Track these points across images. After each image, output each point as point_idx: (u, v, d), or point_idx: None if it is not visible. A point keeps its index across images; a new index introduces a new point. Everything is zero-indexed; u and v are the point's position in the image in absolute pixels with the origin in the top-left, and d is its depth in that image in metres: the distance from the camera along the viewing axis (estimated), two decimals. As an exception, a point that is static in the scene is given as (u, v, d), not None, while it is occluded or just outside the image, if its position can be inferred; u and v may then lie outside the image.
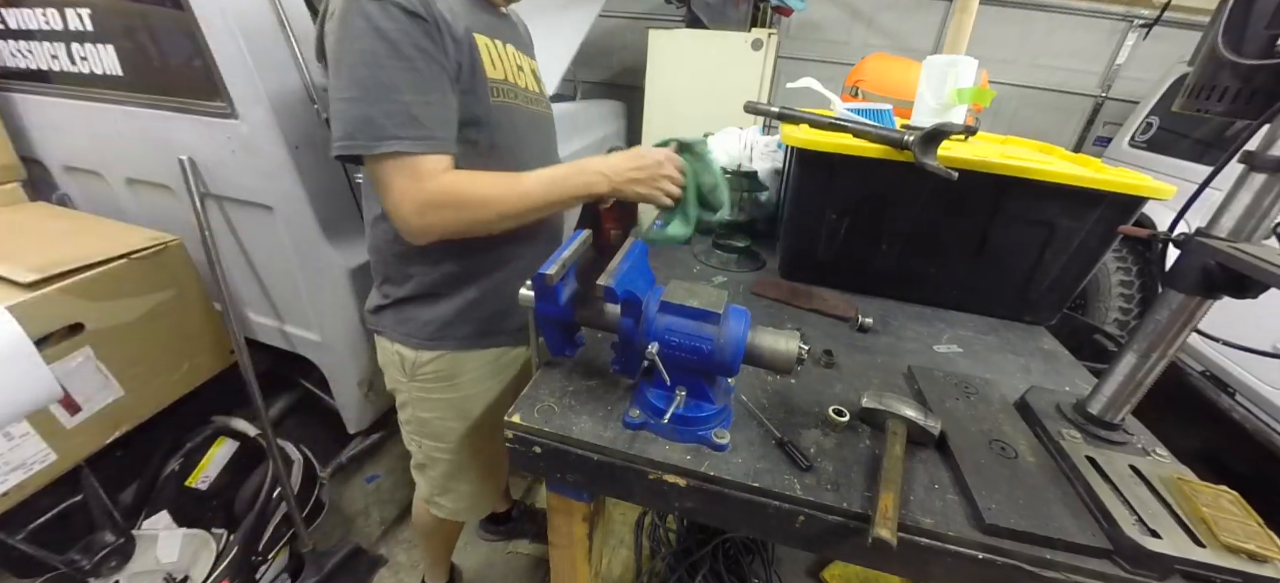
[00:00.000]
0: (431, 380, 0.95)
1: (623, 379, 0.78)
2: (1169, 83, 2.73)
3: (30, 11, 1.30)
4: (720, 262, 1.25)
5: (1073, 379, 0.92)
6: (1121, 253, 2.37)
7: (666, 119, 2.77)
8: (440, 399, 0.98)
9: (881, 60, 2.15)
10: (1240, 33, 0.59)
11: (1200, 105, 0.63)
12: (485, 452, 1.07)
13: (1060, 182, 0.91)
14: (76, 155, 1.47)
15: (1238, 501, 0.61)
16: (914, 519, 0.59)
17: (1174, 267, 0.64)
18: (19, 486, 1.04)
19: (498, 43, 0.84)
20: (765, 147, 1.39)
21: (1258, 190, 0.58)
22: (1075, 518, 0.59)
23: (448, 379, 0.96)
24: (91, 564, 1.15)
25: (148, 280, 1.23)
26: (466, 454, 1.04)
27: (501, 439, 1.07)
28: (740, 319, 0.65)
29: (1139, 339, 0.69)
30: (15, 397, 0.95)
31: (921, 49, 3.40)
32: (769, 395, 0.78)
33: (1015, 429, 0.73)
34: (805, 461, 0.65)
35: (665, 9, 3.26)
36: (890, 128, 1.03)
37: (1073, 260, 1.00)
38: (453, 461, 1.04)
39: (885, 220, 1.05)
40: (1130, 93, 3.27)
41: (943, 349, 0.97)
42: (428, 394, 0.97)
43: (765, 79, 2.57)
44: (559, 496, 0.78)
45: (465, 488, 1.09)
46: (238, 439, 1.48)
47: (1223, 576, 0.54)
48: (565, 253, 0.70)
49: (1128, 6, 3.17)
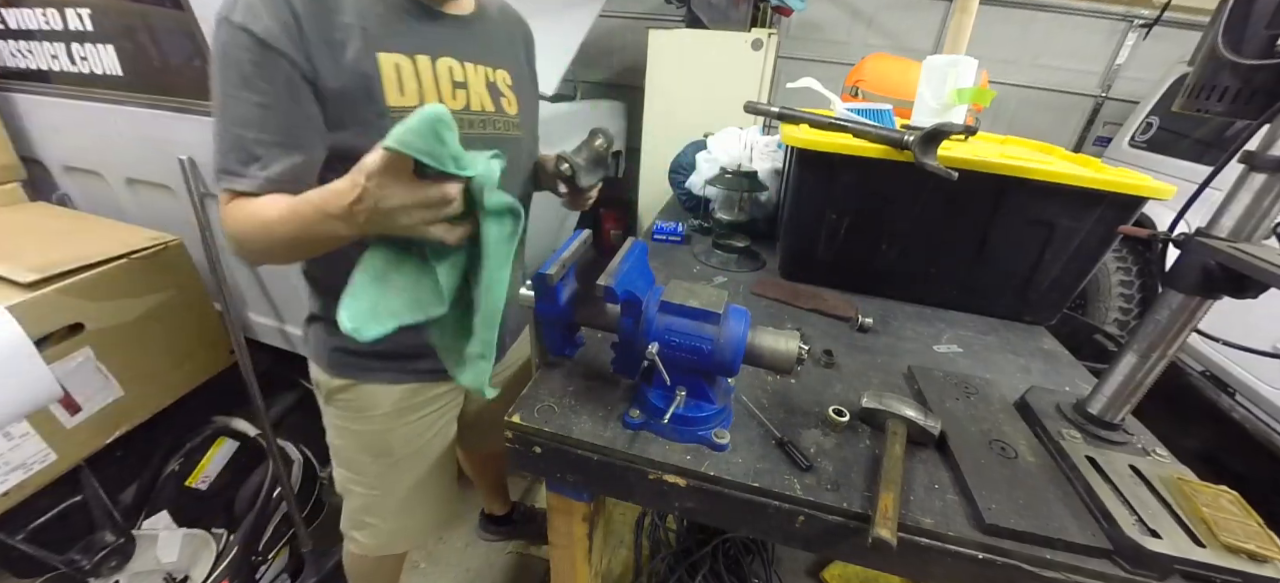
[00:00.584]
0: (343, 409, 0.90)
1: (623, 379, 0.78)
2: (1169, 83, 2.73)
3: (30, 11, 1.30)
4: (720, 262, 1.25)
5: (1073, 379, 0.92)
6: (1121, 253, 2.37)
7: (666, 119, 2.77)
8: (352, 430, 0.92)
9: (881, 60, 2.15)
10: (1240, 33, 0.59)
11: (1200, 105, 0.63)
12: (403, 490, 0.98)
13: (1060, 182, 0.91)
14: (76, 155, 1.47)
15: (1238, 501, 0.61)
16: (914, 519, 0.59)
17: (1174, 267, 0.64)
18: (19, 485, 1.04)
19: (422, 59, 0.71)
20: (765, 146, 1.39)
21: (1258, 190, 0.58)
22: (1075, 518, 0.59)
23: (358, 411, 0.89)
24: (91, 564, 1.15)
25: (148, 280, 1.23)
26: (381, 491, 0.97)
27: (431, 478, 0.98)
28: (740, 319, 0.65)
29: (1139, 339, 0.69)
30: (15, 397, 0.95)
31: (921, 49, 3.40)
32: (769, 395, 0.78)
33: (1015, 429, 0.73)
34: (805, 461, 0.65)
35: (665, 9, 3.26)
36: (890, 128, 1.03)
37: (1073, 260, 1.00)
38: (366, 495, 0.98)
39: (885, 220, 1.05)
40: (1130, 93, 3.26)
41: (943, 349, 0.97)
42: (340, 423, 0.92)
43: (765, 79, 2.57)
44: (559, 496, 0.78)
45: (380, 525, 1.01)
46: (238, 439, 1.48)
47: (1223, 576, 0.54)
48: (565, 253, 0.71)
49: (1128, 6, 3.17)
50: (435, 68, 0.73)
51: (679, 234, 1.37)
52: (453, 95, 0.75)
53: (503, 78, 0.84)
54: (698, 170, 1.46)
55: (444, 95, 0.74)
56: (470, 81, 0.78)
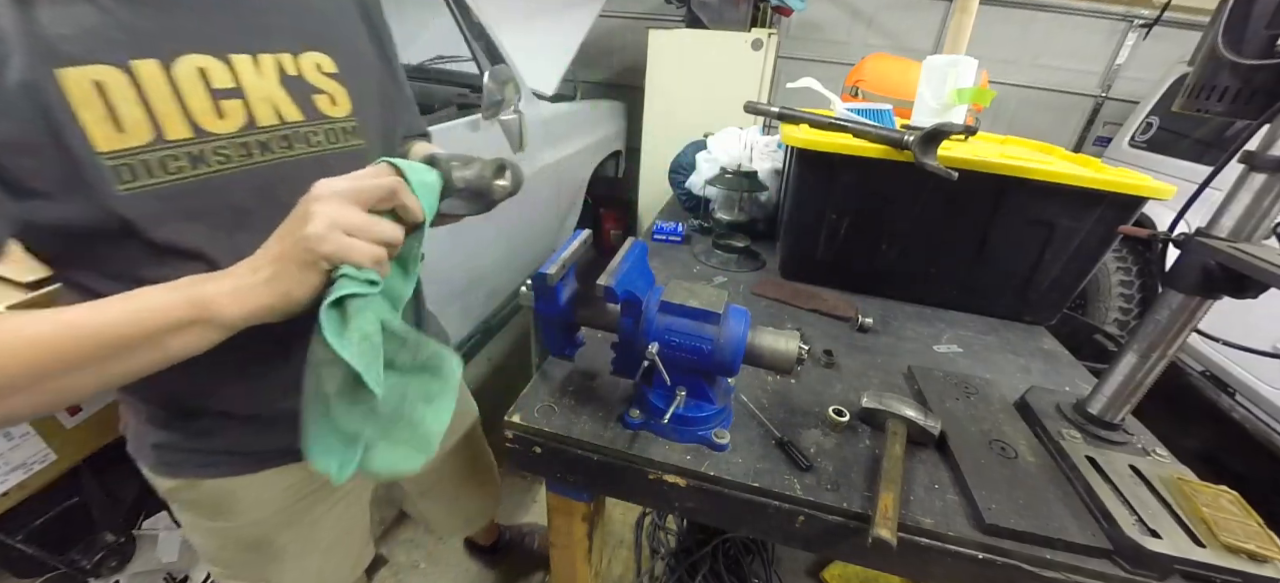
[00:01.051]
0: (194, 511, 0.69)
1: (623, 379, 0.78)
2: (1169, 83, 2.73)
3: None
4: (720, 262, 1.25)
5: (1073, 379, 0.92)
6: (1121, 253, 2.37)
7: (666, 119, 2.77)
8: (214, 528, 0.70)
9: (881, 60, 2.15)
10: (1240, 33, 0.59)
11: (1200, 105, 0.63)
12: (304, 577, 0.80)
13: (1060, 182, 0.91)
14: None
15: (1238, 501, 0.61)
16: (914, 519, 0.59)
17: (1174, 267, 0.64)
18: (19, 485, 1.04)
19: (144, 66, 0.45)
20: (765, 146, 1.39)
21: (1258, 190, 0.58)
22: (1075, 518, 0.59)
23: (214, 510, 0.68)
24: (91, 564, 1.15)
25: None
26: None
27: (341, 546, 0.82)
28: (740, 319, 0.65)
29: (1139, 339, 0.69)
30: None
31: (921, 49, 3.40)
32: (769, 395, 0.78)
33: (1015, 429, 0.73)
34: (805, 460, 0.65)
35: (665, 9, 3.26)
36: (890, 128, 1.03)
37: (1073, 260, 1.00)
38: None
39: (885, 220, 1.05)
40: (1130, 93, 3.27)
41: (943, 349, 0.97)
42: (196, 520, 0.70)
43: (765, 79, 2.57)
44: (559, 496, 0.78)
45: None
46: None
47: (1223, 576, 0.54)
48: (565, 253, 0.70)
49: (1128, 6, 3.17)
50: (173, 75, 0.47)
51: (679, 234, 1.37)
52: (216, 114, 0.49)
53: (315, 65, 0.57)
54: (698, 170, 1.46)
55: (199, 116, 0.48)
56: (248, 85, 0.52)
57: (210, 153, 0.49)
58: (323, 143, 0.58)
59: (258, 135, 0.52)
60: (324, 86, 0.58)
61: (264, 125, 0.53)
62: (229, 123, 0.50)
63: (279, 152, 0.54)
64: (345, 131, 0.60)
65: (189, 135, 0.47)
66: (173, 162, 0.47)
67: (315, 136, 0.57)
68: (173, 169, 0.47)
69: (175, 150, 0.47)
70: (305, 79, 0.56)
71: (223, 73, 0.50)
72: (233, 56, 0.51)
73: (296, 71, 0.56)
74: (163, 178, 0.46)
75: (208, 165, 0.49)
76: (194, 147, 0.48)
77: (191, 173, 0.48)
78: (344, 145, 0.60)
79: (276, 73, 0.54)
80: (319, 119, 0.57)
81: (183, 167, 0.47)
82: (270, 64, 0.54)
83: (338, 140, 0.59)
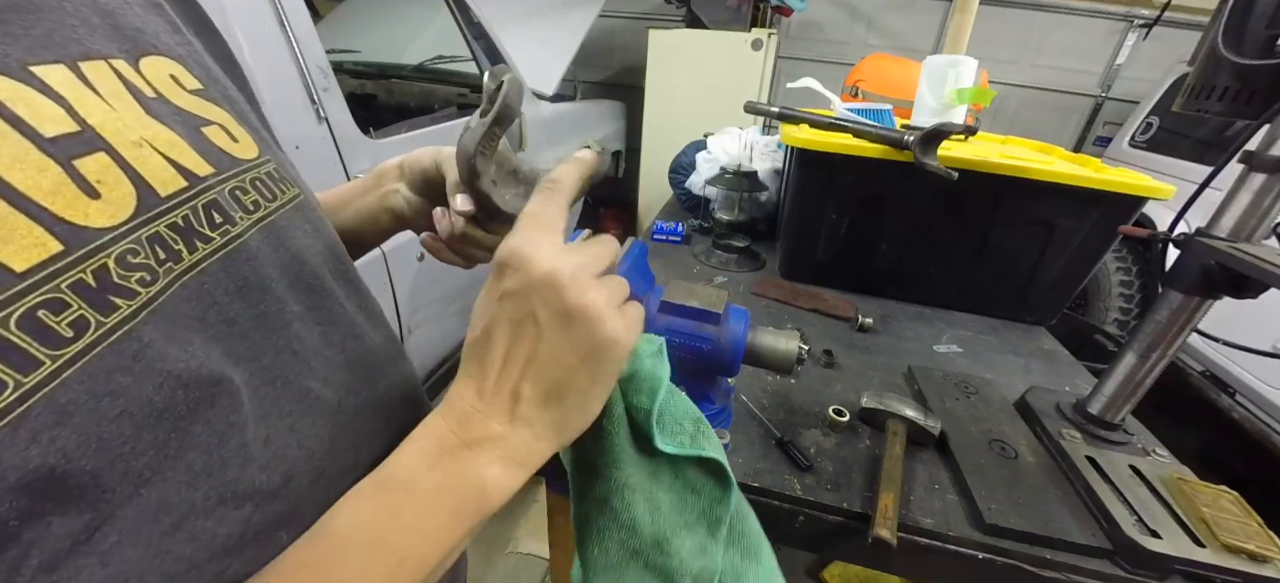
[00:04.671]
0: None
1: (623, 379, 0.78)
2: (1169, 83, 2.73)
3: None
4: (720, 262, 1.25)
5: (1073, 379, 0.92)
6: (1121, 253, 2.38)
7: (666, 119, 2.78)
8: None
9: (881, 60, 2.15)
10: (1240, 33, 0.59)
11: (1200, 105, 0.63)
12: None
13: (1060, 182, 0.91)
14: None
15: (1238, 501, 0.61)
16: (914, 519, 0.59)
17: (1174, 267, 0.64)
18: (19, 486, 1.04)
19: None
20: (765, 146, 1.39)
21: (1258, 190, 0.58)
22: (1075, 518, 0.59)
23: None
24: (91, 564, 1.15)
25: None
26: None
27: None
28: (740, 319, 0.65)
29: (1139, 339, 0.69)
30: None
31: (921, 49, 3.40)
32: (769, 395, 0.78)
33: (1015, 429, 0.73)
34: (805, 460, 0.65)
35: (665, 9, 3.26)
36: (890, 128, 1.03)
37: (1073, 260, 1.00)
38: None
39: (885, 220, 1.05)
40: (1130, 93, 3.27)
41: (943, 349, 0.97)
42: None
43: (765, 79, 2.57)
44: (559, 495, 0.78)
45: None
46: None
47: (1223, 576, 0.54)
48: (565, 253, 0.70)
49: (1128, 6, 3.17)
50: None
51: (679, 234, 1.37)
52: (78, 193, 0.21)
53: (170, 76, 0.29)
54: (698, 170, 1.46)
55: (62, 207, 0.20)
56: (97, 121, 0.23)
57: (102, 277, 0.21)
58: (260, 203, 0.31)
59: (168, 213, 0.25)
60: (205, 113, 0.30)
61: (168, 195, 0.25)
62: (111, 206, 0.22)
63: (216, 237, 0.27)
64: (271, 179, 0.33)
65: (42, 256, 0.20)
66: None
67: (246, 196, 0.30)
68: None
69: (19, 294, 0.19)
70: (171, 101, 0.28)
71: (37, 100, 0.22)
72: (35, 69, 0.22)
73: (153, 91, 0.27)
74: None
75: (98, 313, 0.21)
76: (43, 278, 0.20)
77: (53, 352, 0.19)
78: (284, 200, 0.33)
79: (122, 88, 0.26)
80: (234, 166, 0.30)
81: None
82: (104, 73, 0.25)
83: (276, 196, 0.33)
